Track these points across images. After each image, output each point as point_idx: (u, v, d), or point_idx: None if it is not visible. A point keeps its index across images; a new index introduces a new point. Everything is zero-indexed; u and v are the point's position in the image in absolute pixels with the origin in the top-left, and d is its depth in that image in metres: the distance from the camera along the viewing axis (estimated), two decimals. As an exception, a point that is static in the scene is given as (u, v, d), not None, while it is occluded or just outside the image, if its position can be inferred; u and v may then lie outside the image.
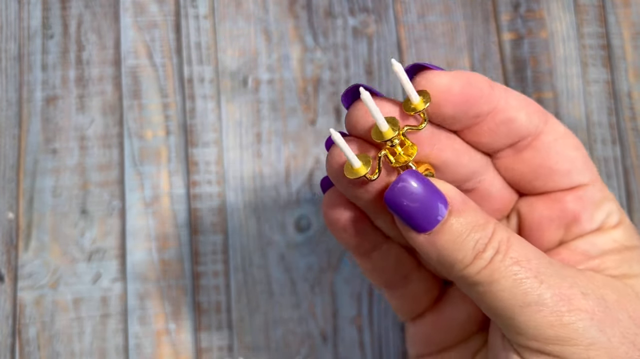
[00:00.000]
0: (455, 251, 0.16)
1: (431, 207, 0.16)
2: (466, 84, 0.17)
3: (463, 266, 0.16)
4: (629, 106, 0.35)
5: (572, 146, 0.19)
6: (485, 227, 0.17)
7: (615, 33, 0.36)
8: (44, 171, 0.33)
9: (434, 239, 0.16)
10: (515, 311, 0.16)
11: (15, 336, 0.31)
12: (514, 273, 0.16)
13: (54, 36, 0.34)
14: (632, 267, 0.18)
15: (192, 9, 0.35)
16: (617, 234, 0.19)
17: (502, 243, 0.17)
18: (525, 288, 0.16)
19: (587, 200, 0.19)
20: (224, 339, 0.32)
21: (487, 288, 0.16)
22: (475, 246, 0.16)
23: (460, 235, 0.16)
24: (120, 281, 0.32)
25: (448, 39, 0.35)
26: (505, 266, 0.16)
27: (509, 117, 0.18)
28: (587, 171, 0.19)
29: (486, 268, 0.16)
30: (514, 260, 0.16)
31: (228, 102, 0.34)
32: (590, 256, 0.19)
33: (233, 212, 0.33)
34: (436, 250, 0.17)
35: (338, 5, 0.35)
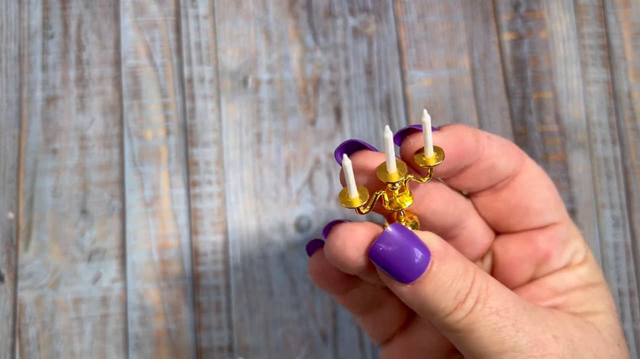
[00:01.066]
0: (437, 300, 0.17)
1: (413, 258, 0.17)
2: (458, 142, 0.18)
3: (444, 315, 0.17)
4: (629, 106, 0.35)
5: (545, 186, 0.21)
6: (466, 276, 0.17)
7: (615, 33, 0.36)
8: (44, 171, 0.33)
9: (417, 289, 0.17)
10: (493, 357, 0.17)
11: (16, 336, 0.31)
12: (493, 322, 0.17)
13: (54, 36, 0.34)
14: (595, 305, 0.20)
15: (192, 9, 0.35)
16: (583, 271, 0.20)
17: (481, 292, 0.17)
18: (502, 336, 0.17)
19: (557, 239, 0.20)
20: (224, 339, 0.32)
21: (467, 335, 0.17)
22: (457, 297, 0.17)
23: (443, 285, 0.17)
24: (120, 281, 0.32)
25: (448, 39, 0.35)
26: (485, 316, 0.17)
27: (491, 165, 0.19)
28: (558, 211, 0.21)
29: (466, 317, 0.17)
30: (493, 309, 0.17)
31: (228, 102, 0.34)
32: (558, 292, 0.20)
33: (233, 212, 0.33)
34: (419, 300, 0.17)
35: (338, 5, 0.35)
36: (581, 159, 0.34)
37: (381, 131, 0.34)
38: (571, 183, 0.34)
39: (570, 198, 0.34)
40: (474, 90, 0.35)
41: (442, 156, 0.18)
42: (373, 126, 0.34)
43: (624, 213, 0.34)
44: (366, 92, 0.34)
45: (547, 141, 0.34)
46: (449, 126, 0.19)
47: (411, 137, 0.18)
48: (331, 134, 0.34)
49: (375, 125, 0.34)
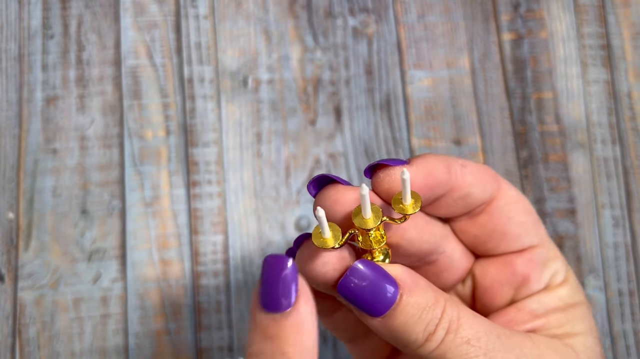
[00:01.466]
0: (407, 333, 0.17)
1: (383, 292, 0.17)
2: (427, 175, 0.18)
3: (416, 347, 0.17)
4: (628, 106, 0.35)
5: (523, 210, 0.21)
6: (435, 307, 0.17)
7: (615, 33, 0.36)
8: (44, 171, 0.33)
9: (387, 322, 0.17)
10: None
11: (16, 336, 0.31)
12: (464, 352, 0.17)
13: (54, 36, 0.34)
14: (575, 326, 0.20)
15: (192, 9, 0.35)
16: (563, 291, 0.21)
17: (452, 322, 0.17)
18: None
19: (535, 262, 0.20)
20: (224, 339, 0.32)
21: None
22: (426, 328, 0.17)
23: (412, 317, 0.17)
24: (120, 281, 0.32)
25: (448, 39, 0.35)
26: (456, 346, 0.17)
27: (466, 193, 0.19)
28: (536, 234, 0.21)
29: (438, 348, 0.17)
30: (464, 339, 0.17)
31: (228, 102, 0.34)
32: (537, 315, 0.20)
33: (233, 212, 0.33)
34: (390, 332, 0.17)
35: (338, 5, 0.35)
36: (581, 159, 0.34)
37: (381, 131, 0.34)
38: (571, 183, 0.34)
39: (570, 198, 0.34)
40: (474, 90, 0.35)
41: (420, 204, 0.18)
42: (373, 126, 0.34)
43: (623, 213, 0.34)
44: (366, 92, 0.34)
45: (547, 140, 0.34)
46: (419, 158, 0.19)
47: (381, 172, 0.18)
48: (331, 134, 0.34)
49: (375, 125, 0.34)
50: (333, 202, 0.18)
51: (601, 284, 0.33)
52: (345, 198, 0.18)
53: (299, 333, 0.16)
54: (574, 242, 0.33)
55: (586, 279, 0.33)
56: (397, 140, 0.34)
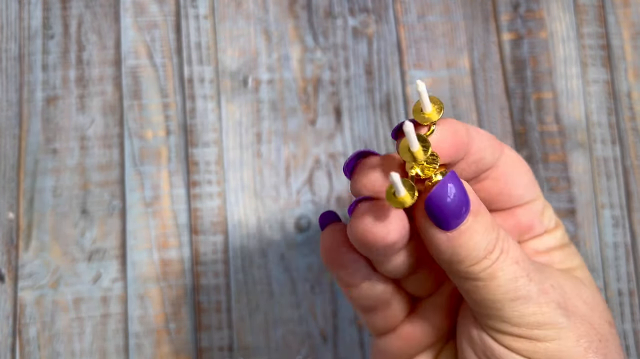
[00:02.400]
0: (470, 249, 0.18)
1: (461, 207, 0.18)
2: (453, 134, 0.19)
3: (473, 263, 0.19)
4: (628, 106, 0.35)
5: (523, 172, 0.22)
6: (494, 228, 0.19)
7: (615, 33, 0.36)
8: (44, 171, 0.33)
9: (455, 237, 0.18)
10: (506, 304, 0.19)
11: (16, 336, 0.31)
12: (513, 271, 0.19)
13: (54, 36, 0.34)
14: (573, 261, 0.22)
15: (192, 9, 0.35)
16: (559, 234, 0.23)
17: (504, 244, 0.19)
18: (518, 285, 0.19)
19: (535, 212, 0.22)
20: (224, 339, 0.32)
21: (487, 283, 0.19)
22: (487, 246, 0.19)
23: (477, 235, 0.18)
24: (120, 281, 0.32)
25: (448, 39, 0.35)
26: (507, 265, 0.19)
27: (479, 157, 0.21)
28: (534, 189, 0.23)
29: (492, 266, 0.19)
30: (514, 260, 0.19)
31: (228, 102, 0.34)
32: (540, 252, 0.22)
33: (233, 212, 0.33)
34: (452, 248, 0.18)
35: (338, 5, 0.35)
36: (581, 159, 0.34)
37: (381, 131, 0.34)
38: (571, 183, 0.34)
39: (570, 198, 0.34)
40: (474, 90, 0.35)
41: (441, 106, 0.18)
42: (373, 126, 0.34)
43: (623, 213, 0.34)
44: (366, 92, 0.34)
45: (546, 140, 0.34)
46: (443, 120, 0.19)
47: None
48: (331, 134, 0.34)
49: (375, 125, 0.34)
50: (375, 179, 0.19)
51: (601, 284, 0.33)
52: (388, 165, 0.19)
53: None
54: (574, 242, 0.33)
55: (586, 279, 0.33)
56: (397, 140, 0.34)
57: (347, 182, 0.33)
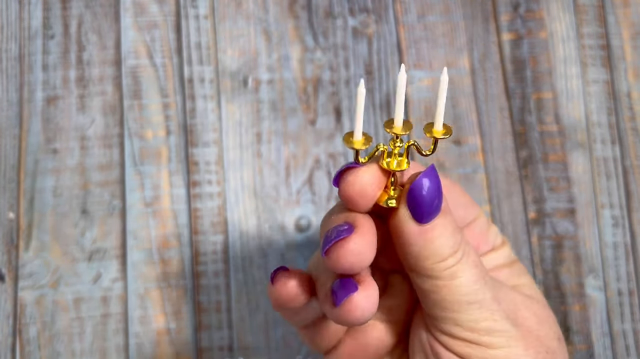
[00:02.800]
0: (438, 245, 0.19)
1: (435, 202, 0.19)
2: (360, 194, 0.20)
3: (438, 260, 0.19)
4: (628, 106, 0.35)
5: (458, 194, 0.23)
6: (459, 230, 0.20)
7: (614, 33, 0.36)
8: (44, 171, 0.33)
9: (426, 230, 0.19)
10: (462, 306, 0.19)
11: (16, 336, 0.31)
12: (474, 273, 0.19)
13: (54, 36, 0.34)
14: (520, 279, 0.23)
15: (192, 9, 0.35)
16: (505, 251, 0.23)
17: (466, 247, 0.20)
18: (477, 288, 0.19)
19: (479, 231, 0.23)
20: (224, 339, 0.32)
21: (448, 282, 0.19)
22: (453, 246, 0.19)
23: (446, 232, 0.19)
24: (120, 281, 0.32)
25: (448, 39, 0.35)
26: (469, 267, 0.19)
27: None
28: (473, 209, 0.23)
29: (455, 265, 0.19)
30: (474, 264, 0.20)
31: (228, 102, 0.34)
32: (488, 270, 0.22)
33: (233, 212, 0.33)
34: (423, 241, 0.19)
35: (338, 5, 0.35)
36: (581, 159, 0.34)
37: (381, 131, 0.34)
38: (571, 183, 0.34)
39: (570, 198, 0.34)
40: (474, 90, 0.35)
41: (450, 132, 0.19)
42: (373, 126, 0.34)
43: (623, 213, 0.34)
44: (366, 92, 0.34)
45: (546, 140, 0.34)
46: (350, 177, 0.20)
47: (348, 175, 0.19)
48: (331, 134, 0.34)
49: (375, 125, 0.34)
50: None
51: (601, 284, 0.33)
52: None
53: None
54: (574, 242, 0.33)
55: (586, 279, 0.33)
56: (397, 140, 0.34)
57: (347, 182, 0.33)
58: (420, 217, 0.19)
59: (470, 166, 0.34)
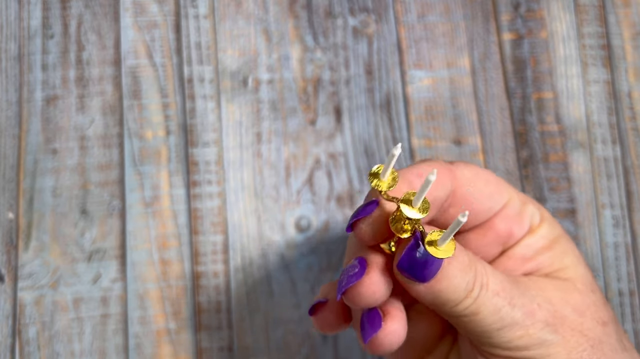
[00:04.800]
0: (450, 293, 0.19)
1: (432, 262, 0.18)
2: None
3: (455, 304, 0.19)
4: (629, 106, 0.35)
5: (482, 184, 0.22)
6: (471, 266, 0.19)
7: (615, 33, 0.36)
8: (44, 171, 0.33)
9: (432, 285, 0.19)
10: (493, 333, 0.19)
11: (15, 336, 0.31)
12: (494, 304, 0.19)
13: (54, 36, 0.34)
14: (563, 260, 0.22)
15: (192, 9, 0.35)
16: (544, 230, 0.22)
17: (484, 278, 0.19)
18: (502, 315, 0.19)
19: (512, 215, 0.22)
20: (224, 339, 0.32)
21: (472, 318, 0.19)
22: (466, 287, 0.19)
23: (454, 279, 0.19)
24: (120, 281, 0.32)
25: (448, 39, 0.35)
26: (488, 299, 0.19)
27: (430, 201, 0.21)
28: (502, 194, 0.22)
29: (474, 304, 0.19)
30: (495, 292, 0.19)
31: (228, 102, 0.34)
32: (527, 258, 0.22)
33: (233, 212, 0.33)
34: (432, 294, 0.19)
35: (338, 5, 0.35)
36: (581, 159, 0.34)
37: (381, 131, 0.34)
38: (571, 183, 0.34)
39: (570, 198, 0.34)
40: (474, 90, 0.35)
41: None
42: (373, 126, 0.34)
43: (624, 213, 0.34)
44: (366, 92, 0.34)
45: (547, 140, 0.34)
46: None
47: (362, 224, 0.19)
48: (331, 134, 0.34)
49: (375, 125, 0.34)
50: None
51: (601, 285, 0.33)
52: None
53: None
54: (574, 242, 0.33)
55: (586, 279, 0.33)
56: (397, 140, 0.34)
57: (347, 182, 0.33)
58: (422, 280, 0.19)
59: (470, 166, 0.34)
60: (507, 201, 0.22)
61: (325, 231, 0.33)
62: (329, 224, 0.33)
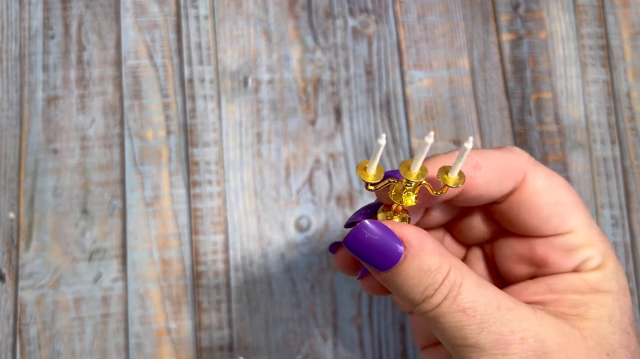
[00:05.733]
0: (406, 292, 0.18)
1: (388, 249, 0.18)
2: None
3: (415, 304, 0.18)
4: (628, 106, 0.35)
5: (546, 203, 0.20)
6: (437, 272, 0.18)
7: (614, 33, 0.36)
8: (44, 170, 0.33)
9: (389, 278, 0.18)
10: (455, 349, 0.18)
11: (16, 336, 0.31)
12: (457, 320, 0.18)
13: (54, 37, 0.34)
14: (589, 311, 0.19)
15: (192, 9, 0.35)
16: (593, 276, 0.20)
17: (452, 289, 0.18)
18: (465, 333, 0.18)
19: (558, 248, 0.20)
20: (224, 339, 0.32)
21: (433, 325, 0.18)
22: (424, 291, 0.18)
23: (411, 279, 0.18)
24: (120, 281, 0.32)
25: (448, 39, 0.35)
26: (450, 312, 0.18)
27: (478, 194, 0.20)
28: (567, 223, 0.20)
29: (433, 311, 0.18)
30: (460, 308, 0.18)
31: (228, 102, 0.34)
32: (553, 290, 0.20)
33: (233, 212, 0.33)
34: (392, 287, 0.19)
35: (338, 5, 0.35)
36: (580, 159, 0.34)
37: (381, 131, 0.34)
38: (570, 183, 0.34)
39: (569, 198, 0.34)
40: (474, 90, 0.35)
41: (463, 181, 0.18)
42: (373, 126, 0.34)
43: (623, 213, 0.34)
44: (366, 92, 0.34)
45: (546, 140, 0.34)
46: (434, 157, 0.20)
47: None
48: (331, 134, 0.34)
49: (375, 125, 0.34)
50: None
51: (601, 284, 0.33)
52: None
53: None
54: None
55: (586, 279, 0.33)
56: (397, 140, 0.34)
57: (346, 182, 0.34)
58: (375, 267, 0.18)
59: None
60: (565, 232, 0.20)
61: (325, 230, 0.33)
62: (328, 224, 0.33)
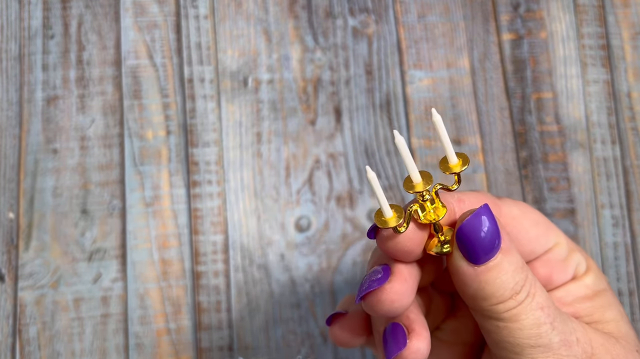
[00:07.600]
0: (497, 286, 0.18)
1: (493, 242, 0.18)
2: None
3: (496, 302, 0.18)
4: (628, 106, 0.35)
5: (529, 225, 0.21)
6: (523, 269, 0.18)
7: (614, 33, 0.36)
8: (44, 170, 0.33)
9: (482, 272, 0.18)
10: (525, 349, 0.18)
11: (16, 336, 0.31)
12: (536, 317, 0.18)
13: (54, 36, 0.34)
14: (605, 314, 0.21)
15: (192, 9, 0.35)
16: (588, 280, 0.21)
17: (532, 287, 0.18)
18: (540, 331, 0.18)
19: (554, 261, 0.21)
20: (224, 339, 0.32)
21: (509, 324, 0.18)
22: (514, 287, 0.18)
23: (506, 274, 0.18)
24: (120, 281, 0.32)
25: (448, 39, 0.35)
26: (532, 309, 0.18)
27: None
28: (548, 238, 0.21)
29: (516, 308, 0.18)
30: (540, 305, 0.18)
31: (228, 102, 0.34)
32: (565, 302, 0.21)
33: (233, 212, 0.33)
34: (478, 283, 0.18)
35: (338, 5, 0.35)
36: (581, 159, 0.34)
37: (381, 131, 0.34)
38: (571, 183, 0.34)
39: (570, 198, 0.34)
40: (474, 90, 0.35)
41: (467, 160, 0.18)
42: (373, 126, 0.34)
43: (623, 213, 0.34)
44: (366, 92, 0.34)
45: (546, 140, 0.34)
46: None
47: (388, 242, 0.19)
48: (331, 134, 0.34)
49: (375, 125, 0.34)
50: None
51: (601, 284, 0.33)
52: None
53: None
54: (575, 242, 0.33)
55: (586, 279, 0.33)
56: (397, 140, 0.34)
57: (346, 182, 0.34)
58: (474, 259, 0.18)
59: (470, 166, 0.34)
60: (552, 246, 0.21)
61: (325, 231, 0.33)
62: (328, 224, 0.33)
